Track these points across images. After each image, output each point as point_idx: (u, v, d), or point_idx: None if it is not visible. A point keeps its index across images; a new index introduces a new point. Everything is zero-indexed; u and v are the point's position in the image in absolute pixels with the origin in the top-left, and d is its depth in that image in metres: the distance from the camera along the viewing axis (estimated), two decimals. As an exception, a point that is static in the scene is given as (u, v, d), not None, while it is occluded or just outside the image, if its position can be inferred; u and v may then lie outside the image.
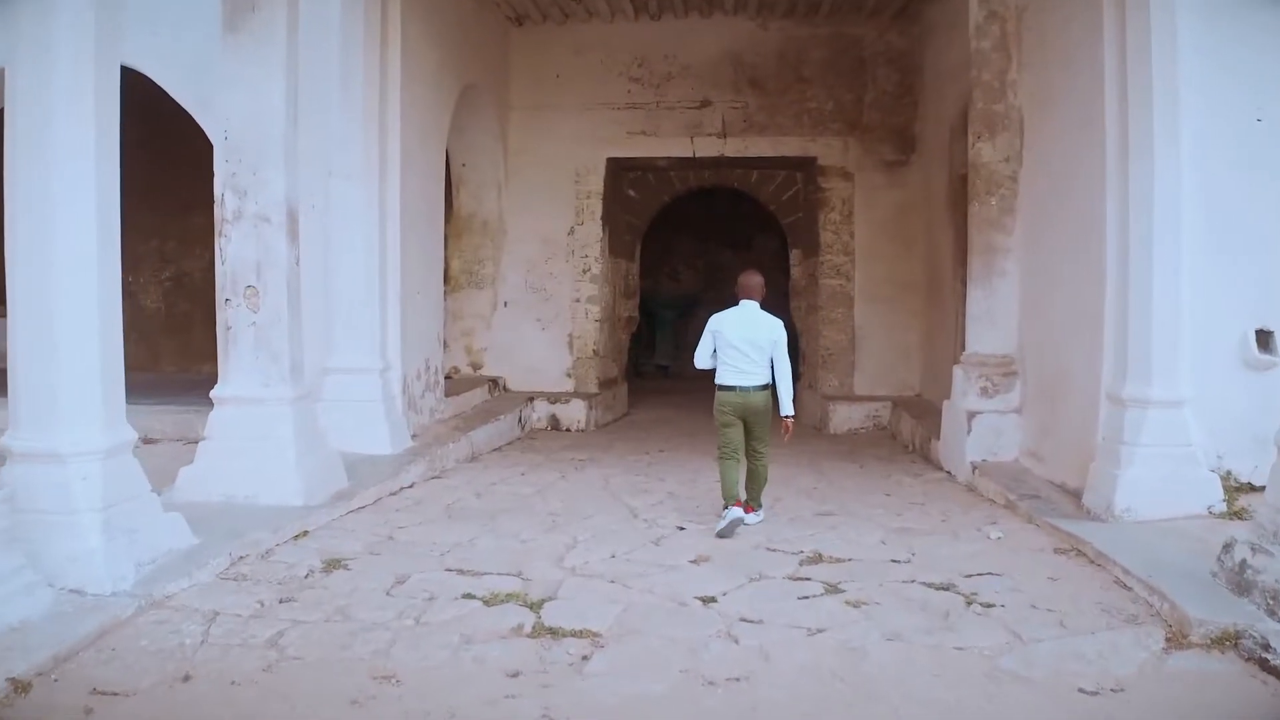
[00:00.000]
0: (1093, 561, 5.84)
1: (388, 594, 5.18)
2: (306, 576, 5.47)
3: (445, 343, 13.04)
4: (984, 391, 8.85)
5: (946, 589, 5.34)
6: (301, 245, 8.82)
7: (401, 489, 8.11)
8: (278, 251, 7.10)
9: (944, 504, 7.77)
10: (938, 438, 9.86)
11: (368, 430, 8.90)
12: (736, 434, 6.82)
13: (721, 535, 6.50)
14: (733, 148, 13.10)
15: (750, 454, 6.93)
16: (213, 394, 7.25)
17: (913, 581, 5.47)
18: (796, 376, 14.20)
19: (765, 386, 6.77)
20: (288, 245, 7.14)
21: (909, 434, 11.21)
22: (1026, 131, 8.78)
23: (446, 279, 13.21)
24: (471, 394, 11.83)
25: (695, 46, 13.11)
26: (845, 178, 13.02)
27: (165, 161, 12.44)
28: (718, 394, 6.85)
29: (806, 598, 5.16)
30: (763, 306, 7.02)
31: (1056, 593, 5.30)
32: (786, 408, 6.87)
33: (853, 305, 13.03)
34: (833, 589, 5.31)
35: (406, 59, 9.45)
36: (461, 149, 13.13)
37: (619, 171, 13.75)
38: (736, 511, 6.67)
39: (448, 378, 13.05)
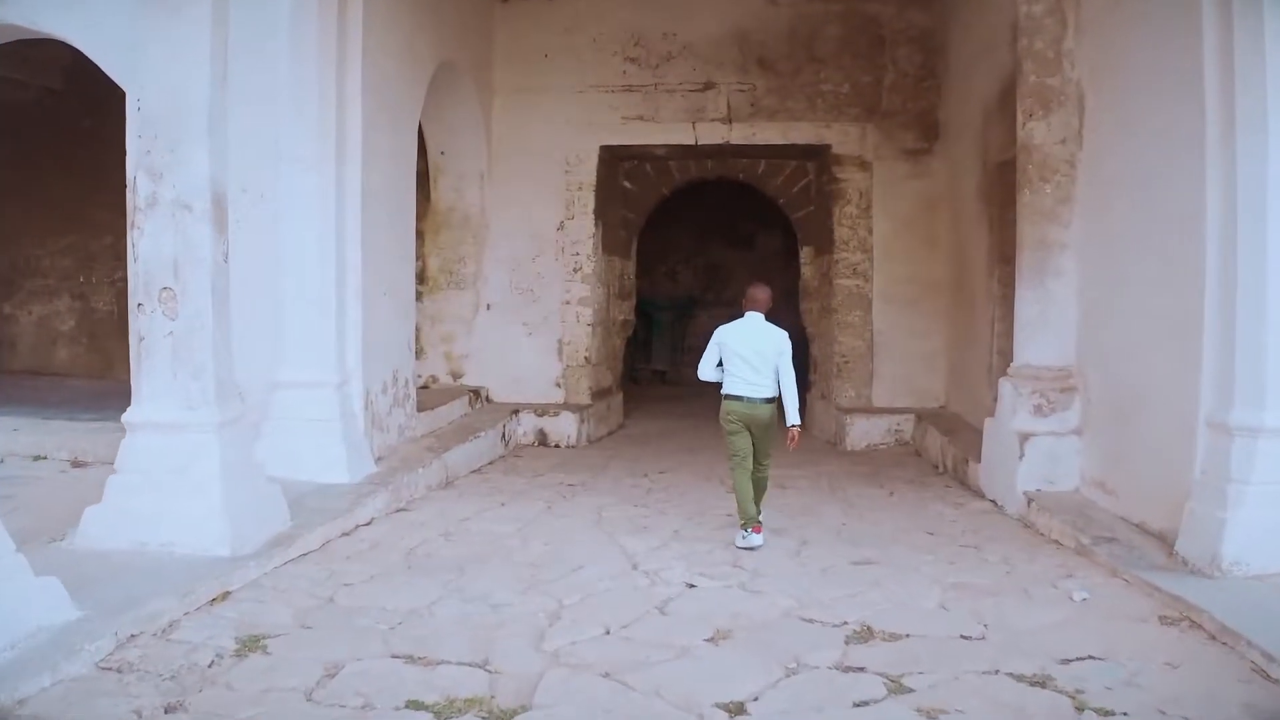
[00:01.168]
0: (1214, 637, 4.63)
1: (309, 698, 3.91)
2: (210, 665, 4.21)
3: (422, 349, 11.88)
4: (1038, 410, 7.63)
5: (1043, 684, 4.09)
6: (248, 239, 7.73)
7: (357, 527, 6.86)
8: (200, 245, 5.84)
9: (1001, 546, 6.55)
10: (976, 459, 8.64)
11: (322, 455, 7.66)
12: (743, 441, 6.74)
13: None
14: (739, 134, 11.87)
15: (754, 466, 6.82)
16: (124, 419, 6.01)
17: (997, 672, 4.22)
18: (807, 386, 13.09)
19: (771, 400, 6.70)
20: (212, 238, 5.88)
21: (938, 452, 9.99)
22: (1088, 108, 7.56)
23: (423, 279, 12.04)
24: (449, 407, 10.58)
25: (698, 23, 11.88)
26: (863, 168, 11.79)
27: (120, 152, 11.16)
28: (724, 403, 6.77)
29: (865, 704, 3.89)
30: (767, 316, 6.87)
31: (1184, 687, 4.08)
32: (793, 417, 6.81)
33: (871, 308, 11.81)
34: (897, 686, 4.05)
35: (370, 27, 8.19)
36: (440, 136, 11.91)
37: (613, 161, 12.51)
38: (757, 539, 6.53)
39: (424, 387, 11.86)
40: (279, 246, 7.84)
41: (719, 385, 6.84)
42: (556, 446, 11.35)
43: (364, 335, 8.20)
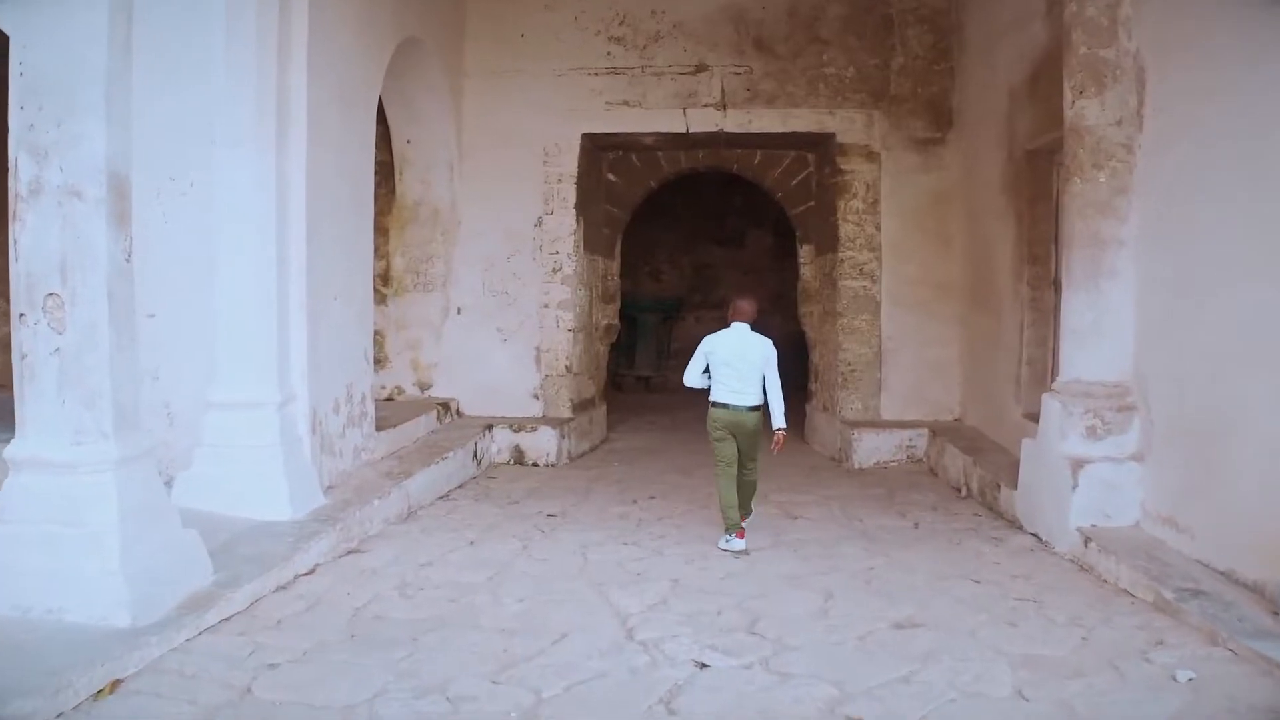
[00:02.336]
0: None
1: None
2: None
3: (385, 358, 10.82)
4: (1091, 432, 6.60)
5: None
6: (176, 236, 6.72)
7: (296, 578, 5.77)
8: (93, 242, 4.74)
9: (1064, 599, 5.50)
10: (1009, 484, 7.63)
11: (260, 487, 6.56)
12: (729, 448, 6.92)
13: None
14: (734, 121, 10.81)
15: (740, 469, 7.00)
16: (4, 454, 4.90)
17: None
18: (807, 397, 12.06)
19: (756, 408, 6.87)
20: (109, 233, 4.78)
21: (959, 473, 8.96)
22: (1149, 84, 6.53)
23: (387, 280, 10.95)
24: (414, 424, 9.48)
25: (689, 0, 10.83)
26: (870, 158, 10.76)
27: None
28: (711, 410, 6.96)
29: None
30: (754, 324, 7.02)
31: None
32: (779, 421, 7.00)
33: (879, 311, 10.78)
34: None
35: (318, -8, 7.12)
36: (405, 123, 10.80)
37: (596, 151, 11.44)
38: (739, 544, 6.72)
39: (388, 400, 10.79)
40: (212, 244, 6.75)
41: (706, 392, 7.01)
42: (534, 465, 10.27)
43: (311, 346, 7.11)
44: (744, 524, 6.87)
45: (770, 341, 6.94)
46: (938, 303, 10.69)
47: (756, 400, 6.83)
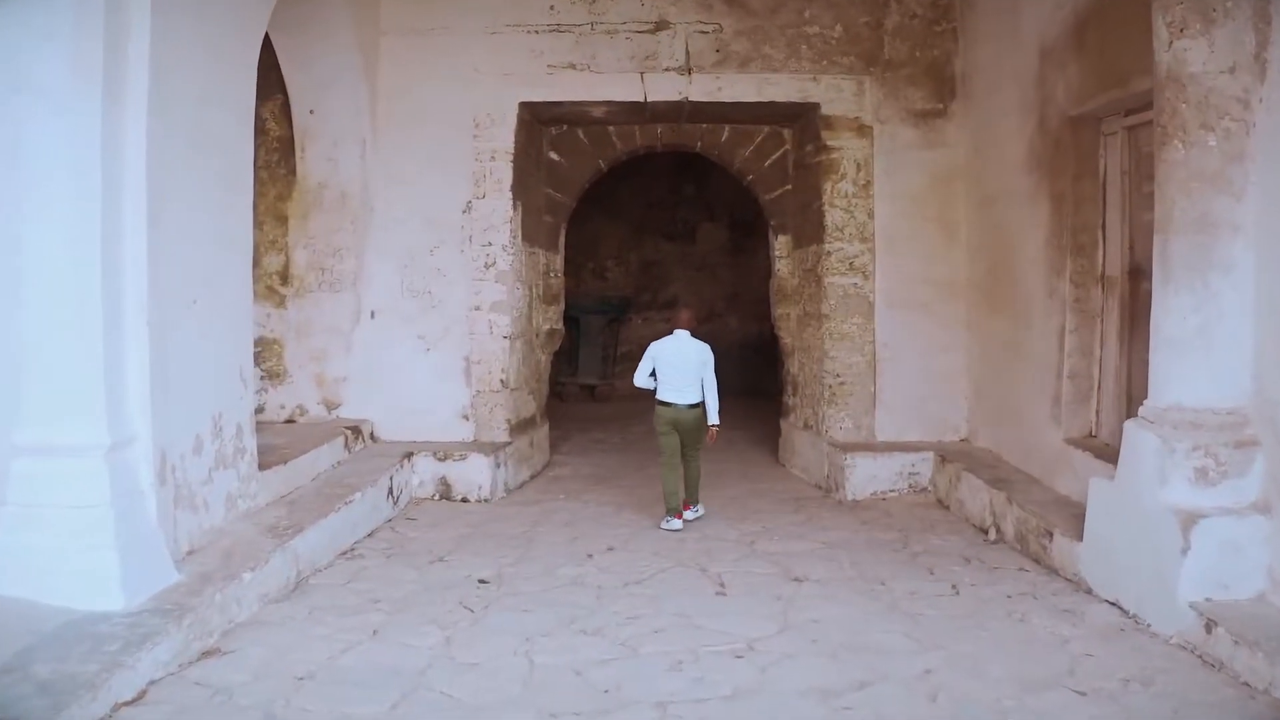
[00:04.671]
0: None
1: None
2: None
3: (284, 371, 9.08)
4: (1202, 475, 5.02)
5: None
6: None
7: (115, 709, 3.94)
8: None
9: (1205, 717, 3.90)
10: (1070, 534, 6.02)
11: (82, 565, 4.76)
12: (672, 441, 7.65)
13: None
14: (700, 89, 9.10)
15: (684, 459, 7.70)
16: None
17: None
18: (783, 412, 10.41)
19: (696, 405, 7.60)
20: None
21: (984, 510, 7.36)
22: (1275, 19, 4.95)
23: (287, 278, 9.15)
24: (313, 455, 7.63)
25: (647, -57, 9.12)
26: (860, 133, 9.12)
27: None
28: (657, 408, 7.66)
29: None
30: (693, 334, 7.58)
31: None
32: (713, 418, 7.68)
33: (872, 313, 9.14)
34: None
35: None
36: (307, 89, 8.96)
37: (537, 124, 9.67)
38: (678, 524, 7.47)
39: (289, 422, 8.95)
40: (14, 230, 4.90)
41: (654, 403, 7.71)
42: (464, 501, 8.48)
43: (157, 367, 5.25)
44: (690, 513, 7.67)
45: (708, 346, 7.73)
46: (940, 303, 9.09)
47: (696, 399, 7.63)
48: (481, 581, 6.02)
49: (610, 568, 6.36)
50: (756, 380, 15.52)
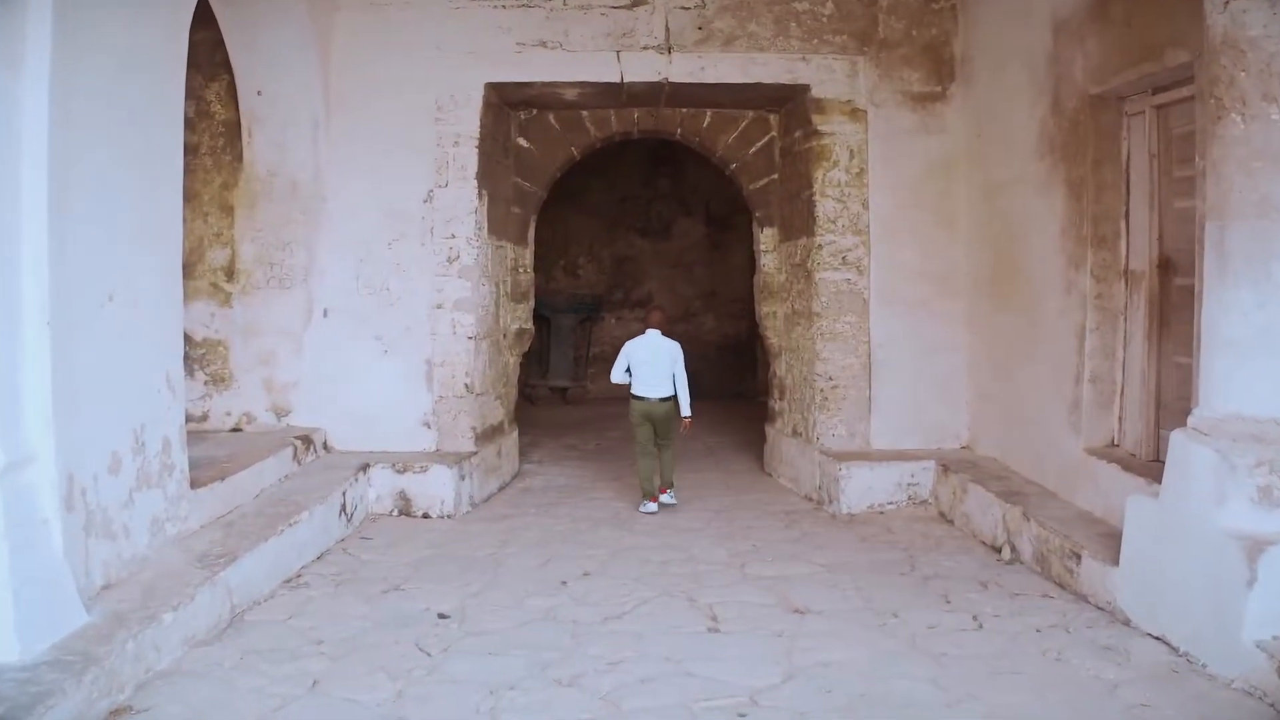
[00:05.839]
0: None
1: None
2: None
3: (229, 375, 8.41)
4: (1266, 495, 4.40)
5: None
6: None
7: (-16, 799, 3.22)
8: None
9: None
10: (1103, 557, 5.39)
11: (-39, 610, 4.00)
12: (646, 431, 8.15)
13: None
14: (681, 69, 8.41)
15: (659, 447, 8.19)
16: None
17: None
18: (769, 416, 9.76)
19: (667, 399, 8.12)
20: None
21: (996, 527, 6.72)
22: (1351, -29, 4.33)
23: (232, 274, 8.45)
24: (257, 469, 6.89)
25: (623, -88, 8.42)
26: (854, 117, 8.47)
27: None
28: (631, 402, 8.18)
29: None
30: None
31: None
32: (685, 410, 8.17)
33: (867, 311, 8.50)
34: None
35: None
36: (254, 68, 8.22)
37: (504, 108, 8.96)
38: (653, 506, 8.03)
39: (235, 430, 8.22)
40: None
41: (629, 406, 8.26)
42: (425, 517, 7.76)
43: (61, 375, 4.49)
44: (666, 497, 8.18)
45: (678, 345, 8.20)
46: (940, 300, 8.47)
47: (668, 393, 8.12)
48: (441, 616, 5.31)
49: (587, 597, 5.66)
50: (736, 382, 14.92)
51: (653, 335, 8.17)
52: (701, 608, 5.48)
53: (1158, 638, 4.82)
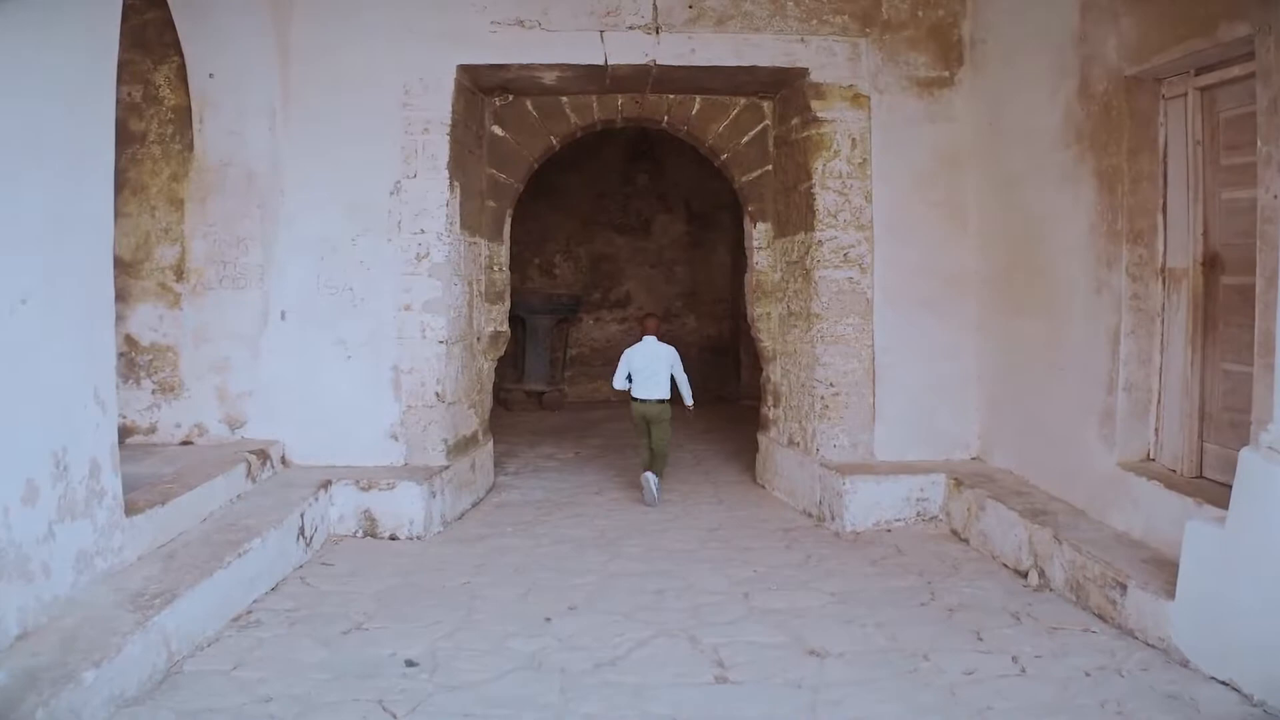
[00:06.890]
0: None
1: None
2: None
3: (179, 384, 7.74)
4: (1362, 528, 3.80)
5: None
6: None
7: None
8: None
9: None
10: (1154, 590, 4.81)
11: None
12: (644, 428, 8.58)
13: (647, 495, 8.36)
14: (670, 50, 7.78)
15: (651, 443, 8.54)
16: None
17: None
18: (761, 425, 9.12)
19: (663, 400, 8.52)
20: None
21: (1020, 549, 6.14)
22: None
23: (182, 274, 7.83)
24: (205, 490, 6.20)
25: (607, -119, 7.78)
26: (856, 103, 7.88)
27: None
28: (632, 404, 8.62)
29: None
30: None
31: None
32: (688, 400, 8.72)
33: (870, 312, 7.90)
34: None
35: None
36: (205, 50, 7.55)
37: (478, 93, 8.30)
38: (653, 476, 8.46)
39: (186, 444, 7.56)
40: None
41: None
42: (393, 539, 7.10)
43: (-43, 392, 3.82)
44: (652, 476, 8.46)
45: (673, 349, 8.70)
46: (947, 300, 7.89)
47: (664, 395, 8.53)
48: (409, 664, 4.65)
49: (575, 638, 5.02)
50: (719, 386, 14.30)
51: (649, 342, 8.62)
52: (706, 650, 4.85)
53: (1224, 682, 4.24)
